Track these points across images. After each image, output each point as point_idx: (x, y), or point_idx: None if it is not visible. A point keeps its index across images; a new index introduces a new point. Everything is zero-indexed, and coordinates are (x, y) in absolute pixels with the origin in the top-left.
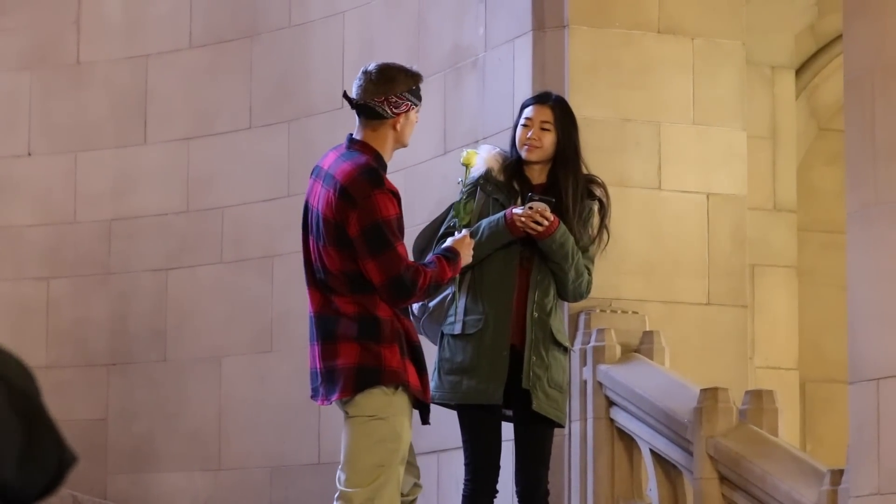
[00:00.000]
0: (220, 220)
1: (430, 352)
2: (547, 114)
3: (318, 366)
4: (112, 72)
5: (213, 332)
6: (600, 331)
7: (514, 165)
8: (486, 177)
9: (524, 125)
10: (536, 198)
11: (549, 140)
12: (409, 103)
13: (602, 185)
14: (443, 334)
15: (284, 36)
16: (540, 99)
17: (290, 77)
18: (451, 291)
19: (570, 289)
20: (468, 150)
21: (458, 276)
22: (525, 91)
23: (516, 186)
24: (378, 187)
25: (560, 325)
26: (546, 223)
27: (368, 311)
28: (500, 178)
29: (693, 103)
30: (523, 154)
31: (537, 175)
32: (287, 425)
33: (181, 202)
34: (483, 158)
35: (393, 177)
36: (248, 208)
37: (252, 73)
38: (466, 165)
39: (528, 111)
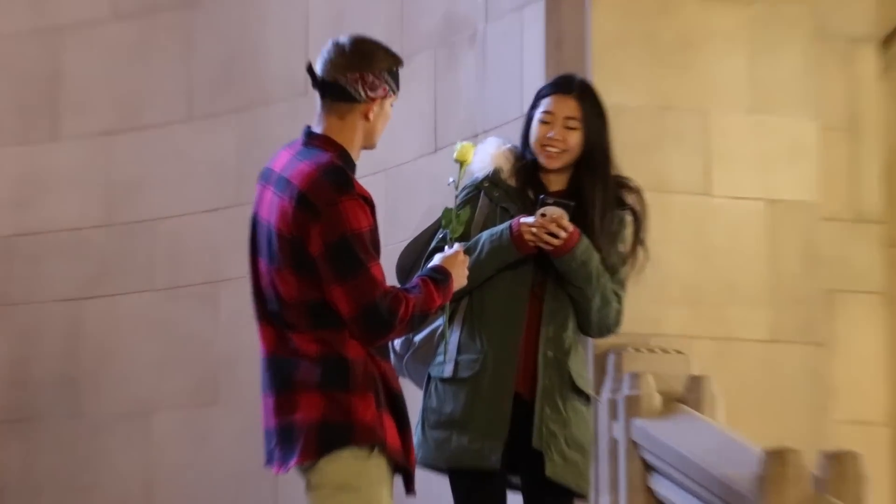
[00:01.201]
0: (150, 237)
1: (416, 398)
2: (572, 107)
3: (272, 422)
4: (15, 49)
5: (142, 380)
6: (635, 375)
7: (528, 168)
8: (494, 179)
9: (544, 122)
10: (550, 201)
11: (574, 140)
12: (388, 87)
13: (636, 191)
14: (429, 378)
15: (233, 5)
16: (562, 86)
17: (241, 57)
18: (441, 323)
19: (595, 321)
20: (463, 143)
21: (449, 303)
22: (536, 72)
23: (531, 195)
24: (346, 192)
25: (581, 367)
26: (563, 235)
27: (335, 351)
28: (512, 182)
29: (749, 87)
30: (542, 160)
31: (555, 180)
32: (236, 498)
33: (101, 213)
34: (490, 155)
35: (371, 180)
36: (186, 221)
37: (192, 52)
38: (461, 162)
39: (547, 103)
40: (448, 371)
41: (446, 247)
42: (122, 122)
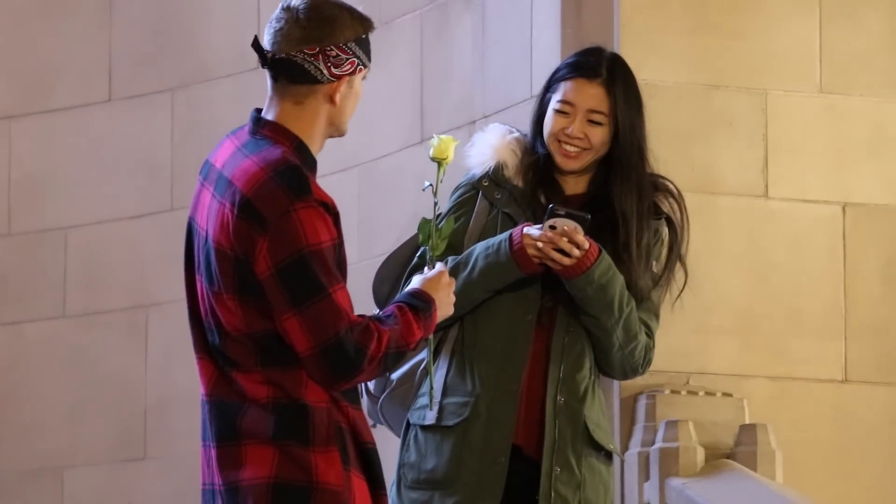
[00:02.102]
0: (61, 249)
1: (392, 447)
2: (599, 97)
3: (214, 480)
4: None
5: (52, 429)
6: (671, 424)
7: (540, 165)
8: (496, 178)
9: (561, 112)
10: (562, 212)
11: (599, 137)
12: (356, 61)
13: (673, 194)
14: (408, 425)
15: None
16: (585, 69)
17: (176, 23)
18: (423, 359)
19: (617, 360)
20: (441, 137)
21: (433, 335)
22: (549, 41)
23: (542, 198)
24: (301, 198)
25: (600, 416)
26: (577, 253)
27: (290, 396)
28: (519, 182)
29: (820, 60)
30: (557, 159)
31: (574, 181)
32: None
33: None
34: (491, 146)
35: (341, 178)
36: (106, 230)
37: (114, 16)
38: (439, 161)
39: (566, 89)
40: (430, 417)
41: (426, 267)
42: (25, 103)
